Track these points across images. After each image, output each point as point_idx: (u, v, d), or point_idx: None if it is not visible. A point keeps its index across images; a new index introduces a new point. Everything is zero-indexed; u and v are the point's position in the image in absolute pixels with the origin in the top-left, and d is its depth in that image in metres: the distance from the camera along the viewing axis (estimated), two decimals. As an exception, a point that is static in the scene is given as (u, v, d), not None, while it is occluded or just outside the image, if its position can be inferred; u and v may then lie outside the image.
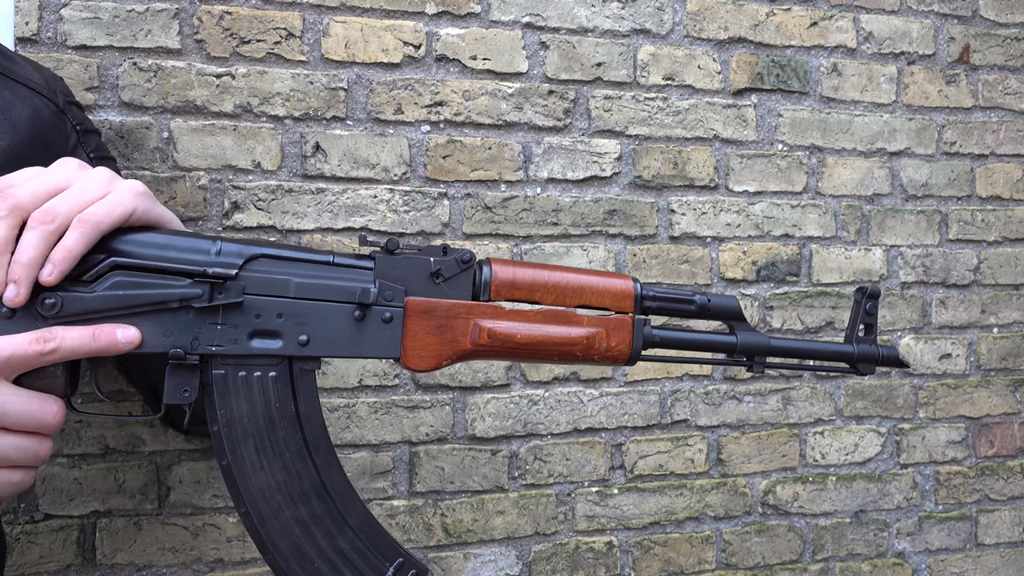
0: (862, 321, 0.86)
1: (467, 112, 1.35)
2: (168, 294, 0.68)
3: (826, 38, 1.54)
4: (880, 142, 1.57)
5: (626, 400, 1.44)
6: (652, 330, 0.80)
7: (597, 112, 1.42)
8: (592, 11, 1.41)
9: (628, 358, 0.79)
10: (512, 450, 1.39)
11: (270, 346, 0.71)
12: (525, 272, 0.77)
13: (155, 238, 0.69)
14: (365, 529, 0.74)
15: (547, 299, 0.77)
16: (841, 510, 1.56)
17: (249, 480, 0.71)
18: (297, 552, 0.72)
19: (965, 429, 1.64)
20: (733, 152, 1.49)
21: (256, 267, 0.71)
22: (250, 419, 0.71)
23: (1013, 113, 1.66)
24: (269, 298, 0.71)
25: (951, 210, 1.62)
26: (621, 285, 0.78)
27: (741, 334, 0.82)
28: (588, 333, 0.77)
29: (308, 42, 1.28)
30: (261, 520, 0.71)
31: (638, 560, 1.45)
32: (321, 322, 0.72)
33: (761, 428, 1.52)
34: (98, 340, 0.66)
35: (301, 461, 0.72)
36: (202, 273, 0.69)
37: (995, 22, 1.64)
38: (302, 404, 0.72)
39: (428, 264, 0.75)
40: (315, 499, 0.72)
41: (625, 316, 0.78)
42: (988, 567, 1.65)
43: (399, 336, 0.73)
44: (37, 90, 0.87)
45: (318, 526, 0.72)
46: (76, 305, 0.66)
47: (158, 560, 1.23)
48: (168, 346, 0.69)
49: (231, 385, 0.71)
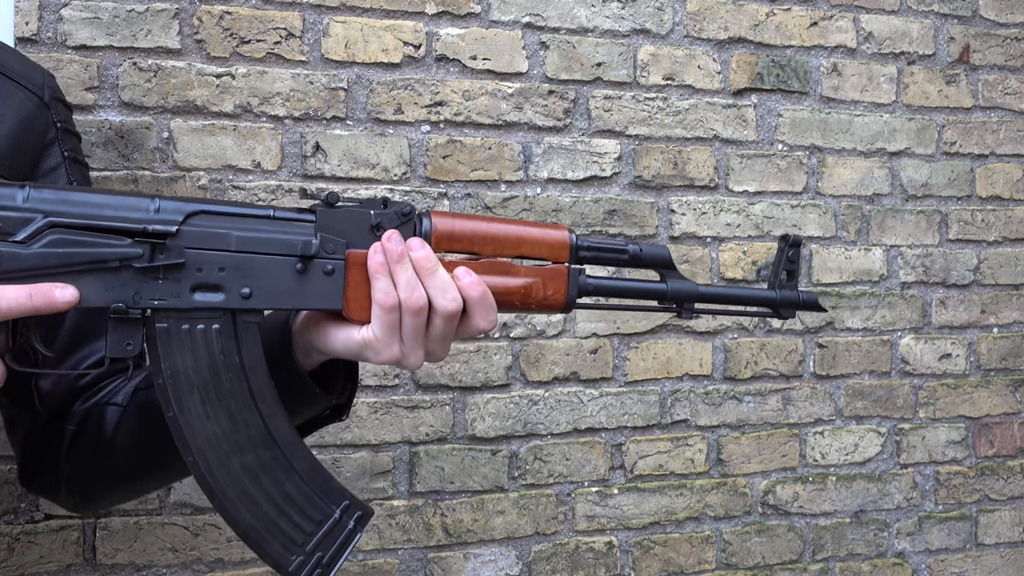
0: (784, 268, 0.89)
1: (467, 112, 1.35)
2: (108, 253, 0.68)
3: (826, 38, 1.54)
4: (880, 142, 1.57)
5: (626, 400, 1.44)
6: (587, 279, 0.82)
7: (597, 112, 1.42)
8: (592, 11, 1.41)
9: (564, 306, 0.81)
10: (512, 450, 1.39)
11: (212, 299, 0.71)
12: (464, 224, 0.78)
13: (92, 197, 0.69)
14: (312, 475, 0.75)
15: (486, 250, 0.78)
16: (841, 510, 1.56)
17: (195, 430, 0.71)
18: (245, 497, 0.73)
19: (965, 429, 1.64)
20: (733, 152, 1.49)
21: (196, 222, 0.71)
22: (195, 371, 0.71)
23: (1013, 113, 1.66)
24: (210, 252, 0.71)
25: (951, 210, 1.62)
26: (557, 236, 0.80)
27: (671, 282, 0.84)
28: (526, 283, 0.79)
29: (308, 42, 1.28)
30: (209, 469, 0.72)
31: (638, 560, 1.45)
32: (263, 275, 0.73)
33: (761, 428, 1.52)
34: (35, 299, 0.65)
35: (247, 410, 0.73)
36: (141, 231, 0.69)
37: (995, 22, 1.64)
38: (246, 355, 0.73)
39: (368, 217, 0.75)
40: (261, 447, 0.73)
41: (561, 266, 0.80)
42: (988, 567, 1.65)
43: (341, 288, 0.74)
44: (21, 83, 0.88)
45: (265, 473, 0.74)
46: (12, 262, 0.65)
47: (158, 560, 1.23)
48: (109, 301, 0.68)
49: (174, 338, 0.71)
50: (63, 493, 0.91)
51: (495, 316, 0.77)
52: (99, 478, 0.88)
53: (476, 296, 0.75)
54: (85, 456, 0.87)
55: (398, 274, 0.73)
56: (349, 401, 0.85)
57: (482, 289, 0.75)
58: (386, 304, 0.72)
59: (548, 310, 0.81)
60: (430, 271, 0.73)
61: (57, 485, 0.90)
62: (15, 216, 0.66)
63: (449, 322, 0.74)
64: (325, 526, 0.76)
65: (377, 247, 0.74)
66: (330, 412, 0.85)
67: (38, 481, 0.92)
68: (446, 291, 0.73)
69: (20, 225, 0.66)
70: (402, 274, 0.73)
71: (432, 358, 0.77)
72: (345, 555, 0.76)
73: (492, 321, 0.76)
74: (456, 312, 0.74)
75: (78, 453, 0.87)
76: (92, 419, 0.86)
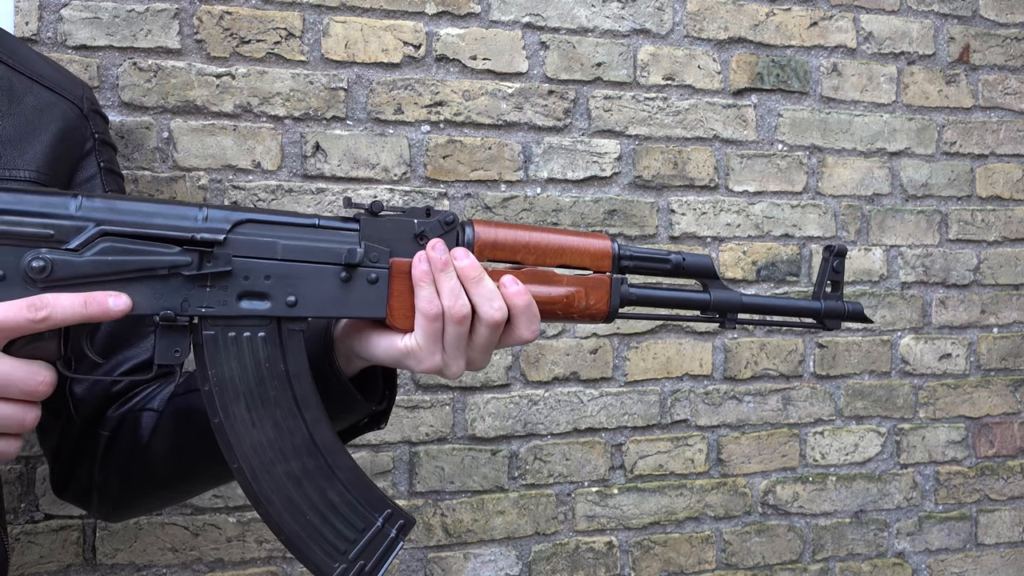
0: (829, 278, 0.89)
1: (467, 112, 1.35)
2: (157, 261, 0.69)
3: (826, 38, 1.54)
4: (880, 142, 1.57)
5: (626, 400, 1.44)
6: (629, 288, 0.82)
7: (597, 112, 1.42)
8: (592, 11, 1.41)
9: (606, 316, 0.81)
10: (512, 450, 1.39)
11: (258, 307, 0.72)
12: (507, 233, 0.78)
13: (141, 206, 0.70)
14: (354, 483, 0.76)
15: (528, 259, 0.78)
16: (841, 510, 1.56)
17: (241, 437, 0.72)
18: (289, 505, 0.73)
19: (965, 429, 1.64)
20: (733, 152, 1.49)
21: (243, 231, 0.72)
22: (240, 378, 0.72)
23: (1013, 113, 1.66)
24: (257, 260, 0.72)
25: (951, 210, 1.62)
26: (600, 245, 0.80)
27: (714, 291, 0.84)
28: (568, 292, 0.79)
29: (308, 42, 1.28)
30: (254, 475, 0.73)
31: (638, 560, 1.45)
32: (308, 283, 0.73)
33: (761, 428, 1.52)
34: (90, 307, 0.66)
35: (292, 418, 0.73)
36: (190, 239, 0.70)
37: (995, 22, 1.64)
38: (291, 363, 0.73)
39: (412, 226, 0.76)
40: (306, 454, 0.74)
41: (604, 275, 0.80)
42: (988, 567, 1.65)
43: (384, 297, 0.75)
44: (62, 94, 0.89)
45: (309, 480, 0.74)
46: (66, 269, 0.66)
47: (158, 560, 1.23)
48: (158, 308, 0.69)
49: (221, 345, 0.72)
50: (95, 501, 0.91)
51: (538, 326, 0.77)
52: (133, 485, 0.88)
53: (522, 305, 0.75)
54: (120, 462, 0.87)
55: (442, 283, 0.73)
56: (388, 408, 0.85)
57: (528, 299, 0.75)
58: (429, 313, 0.73)
59: (590, 320, 0.81)
60: (476, 280, 0.74)
61: (90, 493, 0.90)
62: (68, 225, 0.67)
63: (493, 331, 0.75)
64: (368, 534, 0.76)
65: (421, 256, 0.74)
66: (368, 420, 0.85)
67: (72, 489, 0.92)
68: (492, 300, 0.74)
69: (73, 233, 0.67)
70: (446, 283, 0.73)
71: (473, 367, 0.77)
72: (387, 564, 0.77)
73: (535, 331, 0.76)
74: (501, 321, 0.74)
75: (113, 459, 0.87)
76: (127, 424, 0.87)
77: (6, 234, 0.66)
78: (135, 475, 0.87)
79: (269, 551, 1.28)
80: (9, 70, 0.85)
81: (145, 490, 0.90)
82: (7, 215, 0.66)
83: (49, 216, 0.67)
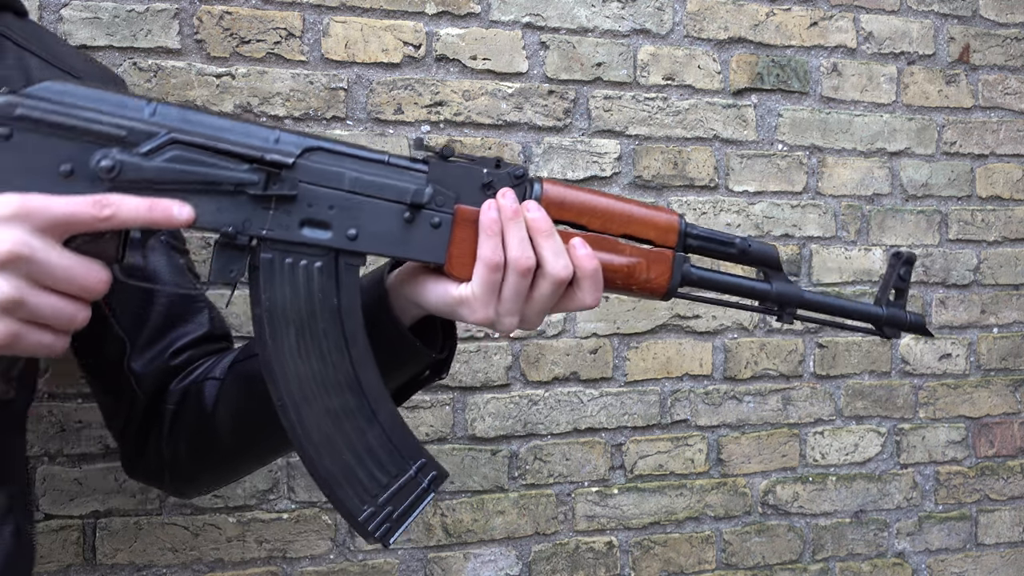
0: (894, 285, 0.86)
1: (467, 112, 1.35)
2: (224, 176, 0.68)
3: (826, 38, 1.54)
4: (880, 142, 1.57)
5: (626, 400, 1.44)
6: (691, 268, 0.80)
7: (597, 112, 1.42)
8: (592, 11, 1.41)
9: (665, 292, 0.79)
10: (512, 450, 1.39)
11: (319, 236, 0.71)
12: (576, 194, 0.77)
13: (215, 120, 0.70)
14: (393, 428, 0.75)
15: (594, 223, 0.77)
16: (841, 510, 1.56)
17: (287, 367, 0.71)
18: (327, 441, 0.73)
19: (965, 429, 1.64)
20: (733, 152, 1.49)
21: (313, 158, 0.71)
22: (292, 306, 0.71)
23: (1013, 113, 1.66)
24: (323, 189, 0.71)
25: (951, 210, 1.62)
26: (667, 219, 0.79)
27: (776, 283, 0.82)
28: (630, 262, 0.77)
29: (308, 42, 1.29)
30: (296, 407, 0.72)
31: (638, 560, 1.45)
32: (371, 218, 0.72)
33: (761, 428, 1.52)
34: (154, 212, 0.65)
35: (338, 353, 0.72)
36: (259, 159, 0.69)
37: (995, 22, 1.64)
38: (344, 297, 0.72)
39: (480, 175, 0.74)
40: (348, 392, 0.73)
41: (667, 250, 0.79)
42: (988, 567, 1.65)
43: (446, 243, 0.74)
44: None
45: (349, 419, 0.73)
46: (133, 172, 0.66)
47: (158, 560, 1.23)
48: (220, 224, 0.69)
49: (277, 271, 0.71)
50: (167, 477, 0.92)
51: (601, 292, 0.75)
52: (201, 456, 0.89)
53: (589, 269, 0.74)
54: (187, 434, 0.87)
55: (510, 232, 0.72)
56: (449, 358, 0.83)
57: (597, 263, 0.74)
58: (492, 262, 0.71)
59: (648, 294, 0.79)
60: (547, 233, 0.72)
61: (161, 470, 0.91)
62: (141, 128, 0.67)
63: (556, 288, 0.73)
64: (400, 481, 0.75)
65: (492, 203, 0.73)
66: (429, 372, 0.83)
67: (142, 467, 0.93)
68: (560, 256, 0.72)
69: (144, 138, 0.67)
70: (515, 232, 0.72)
71: (526, 324, 0.75)
72: (416, 513, 0.76)
73: (597, 298, 0.75)
74: (566, 279, 0.73)
75: (179, 432, 0.88)
76: (191, 396, 0.87)
77: (79, 129, 0.65)
78: (202, 447, 0.87)
79: (269, 551, 1.28)
80: (43, 63, 0.86)
81: (213, 461, 0.89)
82: (83, 110, 0.65)
83: (123, 117, 0.67)
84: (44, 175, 0.64)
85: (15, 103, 0.64)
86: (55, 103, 0.65)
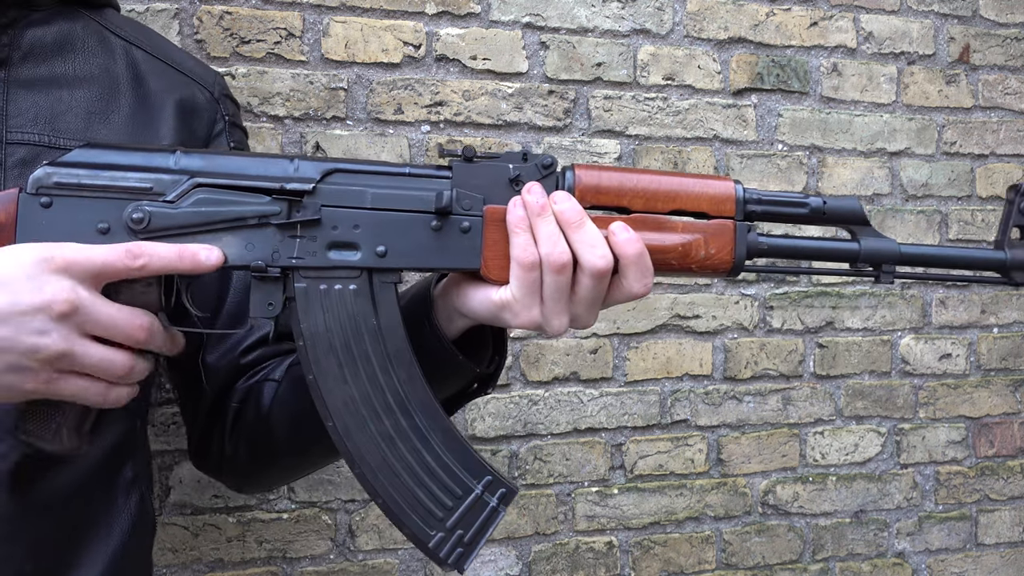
0: (1015, 223, 0.76)
1: (467, 112, 1.35)
2: (247, 211, 0.70)
3: (826, 38, 1.54)
4: (880, 142, 1.57)
5: (626, 400, 1.44)
6: (758, 236, 0.73)
7: (597, 112, 1.42)
8: (592, 11, 1.41)
9: (731, 268, 0.72)
10: (512, 450, 1.39)
11: (348, 257, 0.71)
12: (612, 176, 0.72)
13: (235, 160, 0.72)
14: (451, 445, 0.73)
15: (636, 204, 0.71)
16: (841, 510, 1.56)
17: (333, 393, 0.71)
18: (384, 466, 0.71)
19: (965, 429, 1.64)
20: (733, 152, 1.49)
21: (333, 180, 0.71)
22: (332, 332, 0.71)
23: (1013, 113, 1.66)
24: (346, 209, 0.71)
25: (951, 210, 1.62)
26: (720, 187, 0.72)
27: (865, 239, 0.73)
28: (684, 240, 0.71)
29: (308, 42, 1.29)
30: (348, 433, 0.71)
31: (638, 560, 1.45)
32: (398, 232, 0.71)
33: (761, 428, 1.52)
34: (183, 260, 0.67)
35: (384, 374, 0.71)
36: (279, 189, 0.70)
37: (995, 22, 1.64)
38: (383, 316, 0.71)
39: (507, 171, 0.72)
40: (399, 413, 0.72)
41: (726, 221, 0.72)
42: (988, 567, 1.65)
43: (478, 246, 0.71)
44: (193, 78, 0.93)
45: (403, 440, 0.72)
46: (162, 221, 0.69)
47: (158, 560, 1.23)
48: (249, 259, 0.70)
49: (312, 298, 0.71)
50: (226, 472, 0.94)
51: (651, 279, 0.70)
52: (259, 457, 0.89)
53: (632, 254, 0.68)
54: (247, 433, 0.89)
55: (539, 228, 0.68)
56: (497, 372, 0.80)
57: (640, 247, 0.68)
58: (525, 261, 0.68)
59: (711, 272, 0.73)
60: (577, 224, 0.68)
61: (221, 464, 0.93)
62: (166, 179, 0.70)
63: (598, 282, 0.68)
64: (466, 501, 0.73)
65: (516, 200, 0.70)
66: (477, 385, 0.81)
67: (208, 461, 0.95)
68: (595, 247, 0.68)
69: (170, 186, 0.69)
70: (544, 228, 0.68)
71: (578, 323, 0.71)
72: (488, 534, 0.74)
73: (647, 285, 0.69)
74: (606, 270, 0.68)
75: (240, 431, 0.89)
76: (252, 395, 0.88)
77: (110, 187, 0.69)
78: (260, 447, 0.88)
79: (269, 551, 1.28)
80: (148, 56, 0.89)
81: (270, 461, 0.90)
82: (111, 170, 0.69)
83: (149, 170, 0.69)
84: (84, 235, 0.68)
85: (52, 173, 0.68)
86: (88, 166, 0.69)
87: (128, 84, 0.86)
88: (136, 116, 0.85)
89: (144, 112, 0.86)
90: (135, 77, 0.87)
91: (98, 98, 0.83)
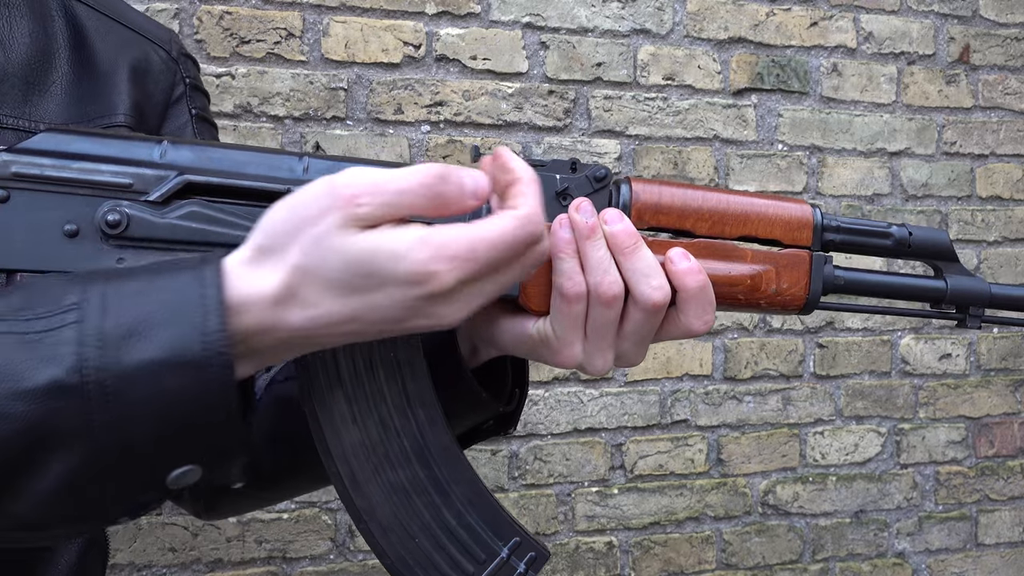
0: None
1: (467, 112, 1.35)
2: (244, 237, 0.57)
3: (826, 38, 1.54)
4: (880, 142, 1.57)
5: (626, 400, 1.44)
6: (835, 270, 0.65)
7: (597, 112, 1.42)
8: (592, 11, 1.41)
9: (803, 305, 0.64)
10: (512, 450, 1.39)
11: None
12: (674, 193, 0.62)
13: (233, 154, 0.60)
14: (475, 501, 0.62)
15: (701, 227, 0.62)
16: (841, 510, 1.56)
17: (340, 434, 0.60)
18: (395, 523, 0.60)
19: (965, 429, 1.64)
20: (733, 152, 1.49)
21: None
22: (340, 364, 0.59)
23: (1013, 113, 1.66)
24: None
25: (951, 210, 1.62)
26: (796, 211, 0.63)
27: (952, 278, 0.65)
28: (753, 271, 0.62)
29: (308, 42, 1.28)
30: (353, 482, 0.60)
31: (638, 560, 1.45)
32: None
33: (761, 428, 1.52)
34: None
35: (401, 416, 0.60)
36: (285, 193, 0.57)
37: (995, 22, 1.64)
38: (401, 350, 0.60)
39: (554, 182, 0.61)
40: (417, 462, 0.60)
41: (801, 251, 0.63)
42: (988, 567, 1.65)
43: None
44: (146, 36, 0.81)
45: (420, 494, 0.60)
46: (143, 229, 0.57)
47: (158, 560, 1.23)
48: None
49: None
50: (186, 496, 0.81)
51: (712, 314, 0.60)
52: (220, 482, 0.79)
53: (693, 287, 0.59)
54: None
55: (588, 253, 0.58)
56: (518, 410, 0.70)
57: (702, 278, 0.59)
58: (570, 292, 0.57)
59: (781, 309, 0.64)
60: (631, 250, 0.58)
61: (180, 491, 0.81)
62: (150, 174, 0.58)
63: (651, 316, 0.59)
64: (489, 567, 0.62)
65: (563, 219, 0.58)
66: (494, 422, 0.70)
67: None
68: (651, 277, 0.58)
69: (154, 183, 0.57)
70: (593, 253, 0.57)
71: (624, 361, 0.61)
72: None
73: (708, 322, 0.60)
74: (662, 305, 0.58)
75: None
76: None
77: (79, 181, 0.57)
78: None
79: (269, 551, 1.28)
80: (89, 10, 0.77)
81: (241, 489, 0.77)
82: (83, 160, 0.57)
83: (129, 163, 0.58)
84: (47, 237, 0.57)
85: (10, 161, 0.56)
86: (54, 155, 0.57)
87: (66, 45, 0.73)
88: (80, 83, 0.73)
89: (89, 78, 0.74)
90: (76, 36, 0.74)
91: (35, 64, 0.70)
